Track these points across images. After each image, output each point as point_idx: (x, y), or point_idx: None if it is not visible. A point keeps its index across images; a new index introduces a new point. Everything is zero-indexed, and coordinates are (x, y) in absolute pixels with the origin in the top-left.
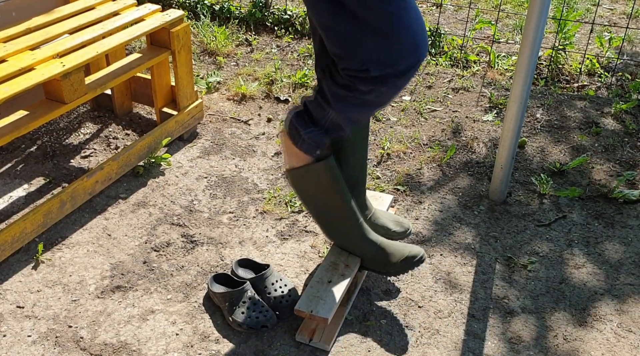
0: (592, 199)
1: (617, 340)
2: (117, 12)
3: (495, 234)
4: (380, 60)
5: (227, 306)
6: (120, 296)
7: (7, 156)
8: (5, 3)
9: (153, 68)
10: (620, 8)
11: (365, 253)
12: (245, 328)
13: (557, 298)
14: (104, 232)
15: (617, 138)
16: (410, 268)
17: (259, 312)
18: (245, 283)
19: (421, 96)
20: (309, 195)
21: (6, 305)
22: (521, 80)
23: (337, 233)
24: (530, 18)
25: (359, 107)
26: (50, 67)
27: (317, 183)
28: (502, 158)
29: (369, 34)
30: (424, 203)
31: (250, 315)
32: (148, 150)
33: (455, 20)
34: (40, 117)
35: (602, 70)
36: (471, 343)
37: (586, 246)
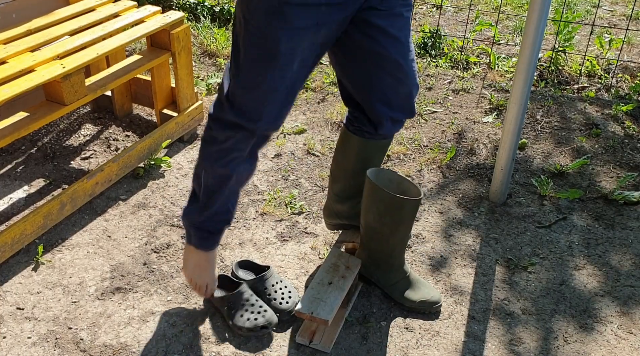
0: (593, 201)
1: (617, 341)
2: (117, 14)
3: (496, 236)
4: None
5: (227, 311)
6: (120, 297)
7: (7, 157)
8: (5, 5)
9: (153, 69)
10: (620, 10)
11: (391, 277)
12: (245, 331)
13: (558, 299)
14: (104, 233)
15: (618, 140)
16: (424, 311)
17: (257, 313)
18: (242, 286)
19: (421, 97)
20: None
21: (6, 306)
22: (521, 81)
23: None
24: (531, 19)
25: (220, 158)
26: (50, 68)
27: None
28: (503, 160)
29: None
30: (424, 205)
31: (249, 318)
32: (148, 151)
33: (456, 21)
34: (41, 119)
35: (602, 71)
36: (471, 345)
37: (586, 248)
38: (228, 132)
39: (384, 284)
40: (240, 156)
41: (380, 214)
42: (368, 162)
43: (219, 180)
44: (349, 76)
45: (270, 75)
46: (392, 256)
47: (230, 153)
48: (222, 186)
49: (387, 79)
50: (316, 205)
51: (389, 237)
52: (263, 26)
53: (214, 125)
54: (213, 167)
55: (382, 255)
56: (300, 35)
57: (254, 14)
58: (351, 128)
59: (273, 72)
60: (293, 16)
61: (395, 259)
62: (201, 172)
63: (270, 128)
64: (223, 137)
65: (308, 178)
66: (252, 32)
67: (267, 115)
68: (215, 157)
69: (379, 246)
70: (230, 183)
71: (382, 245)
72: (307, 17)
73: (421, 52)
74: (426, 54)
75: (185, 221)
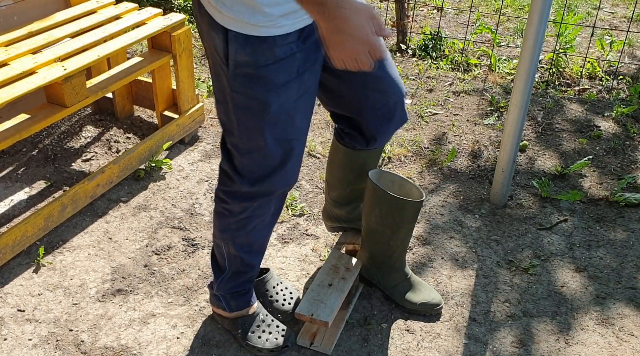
0: (594, 202)
1: (619, 343)
2: (118, 16)
3: (497, 237)
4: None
5: (241, 334)
6: (121, 299)
7: (9, 159)
8: (7, 7)
9: (154, 71)
10: (621, 12)
11: (392, 279)
12: (267, 352)
13: (559, 301)
14: (105, 235)
15: (618, 141)
16: (425, 313)
17: (276, 333)
18: (257, 305)
19: (422, 99)
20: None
21: (7, 308)
22: (522, 83)
23: (387, 249)
24: (531, 21)
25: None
26: (51, 70)
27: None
28: (503, 162)
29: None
30: (425, 207)
31: (268, 338)
32: (149, 153)
33: (456, 23)
34: (42, 121)
35: (603, 73)
36: (472, 347)
37: (587, 249)
38: (245, 203)
39: (385, 286)
40: (262, 222)
41: (382, 216)
42: (361, 169)
43: (242, 248)
44: (337, 106)
45: (270, 136)
46: (393, 258)
47: (250, 223)
48: (246, 251)
49: (373, 95)
50: (317, 207)
51: (390, 238)
52: (249, 93)
53: (227, 198)
54: (234, 238)
55: (383, 256)
56: (287, 88)
57: (235, 83)
58: (342, 142)
59: (274, 132)
60: (272, 75)
61: (396, 261)
62: (221, 243)
63: (288, 187)
64: (239, 208)
65: (309, 180)
66: (239, 101)
67: (282, 175)
68: (234, 228)
69: (380, 248)
70: (255, 248)
71: (383, 246)
72: (285, 71)
73: (422, 54)
74: (427, 56)
75: (217, 292)
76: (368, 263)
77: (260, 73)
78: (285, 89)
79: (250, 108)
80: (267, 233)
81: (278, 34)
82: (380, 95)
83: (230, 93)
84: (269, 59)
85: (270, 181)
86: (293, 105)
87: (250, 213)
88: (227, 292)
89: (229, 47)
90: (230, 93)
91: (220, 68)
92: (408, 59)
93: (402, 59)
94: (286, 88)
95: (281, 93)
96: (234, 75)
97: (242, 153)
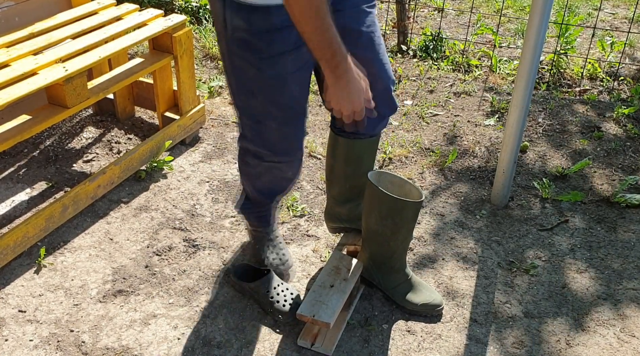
0: (595, 203)
1: (620, 344)
2: (119, 17)
3: (497, 238)
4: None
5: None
6: (122, 300)
7: (10, 160)
8: (8, 8)
9: (155, 72)
10: (621, 13)
11: (392, 279)
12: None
13: (560, 302)
14: (106, 236)
15: (619, 142)
16: (426, 314)
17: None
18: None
19: (423, 100)
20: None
21: (8, 309)
22: (523, 84)
23: (387, 250)
24: (532, 22)
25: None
26: (53, 71)
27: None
28: (504, 163)
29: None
30: (426, 208)
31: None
32: (150, 154)
33: (457, 24)
34: (43, 122)
35: (604, 74)
36: (473, 348)
37: (588, 250)
38: (256, 160)
39: (386, 287)
40: (277, 177)
41: (382, 217)
42: (358, 162)
43: (260, 191)
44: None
45: (265, 100)
46: (394, 259)
47: (264, 176)
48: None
49: None
50: (318, 208)
51: (390, 239)
52: (244, 56)
53: (242, 151)
54: (253, 183)
55: (384, 257)
56: (283, 59)
57: (233, 46)
58: (335, 129)
59: (269, 97)
60: (267, 43)
61: (396, 262)
62: (244, 181)
63: (288, 156)
64: (254, 162)
65: (310, 180)
66: (236, 62)
67: (281, 141)
68: (253, 175)
69: (381, 249)
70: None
71: (383, 247)
72: (282, 41)
73: (423, 55)
74: (428, 57)
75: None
76: (368, 264)
77: (255, 39)
78: (281, 59)
79: (246, 71)
80: (286, 184)
81: (273, 3)
82: (370, 79)
83: (228, 54)
84: (262, 27)
85: (270, 145)
86: (290, 76)
87: (263, 170)
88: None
89: (226, 12)
90: (229, 54)
91: (221, 30)
92: (409, 59)
93: (402, 60)
94: (282, 58)
95: (276, 62)
96: (231, 38)
97: (242, 113)
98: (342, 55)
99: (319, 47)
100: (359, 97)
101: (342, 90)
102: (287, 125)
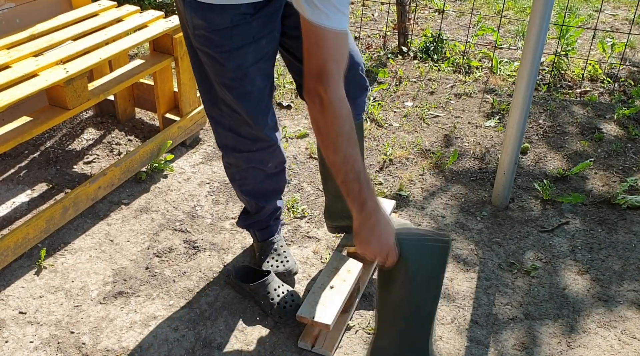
0: (595, 205)
1: (621, 346)
2: (120, 19)
3: (498, 240)
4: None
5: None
6: (122, 302)
7: (11, 162)
8: (9, 10)
9: (156, 74)
10: (622, 14)
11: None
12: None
13: (561, 304)
14: (107, 237)
15: (620, 144)
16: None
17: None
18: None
19: (423, 102)
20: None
21: (8, 310)
22: (523, 85)
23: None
24: (533, 24)
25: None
26: (53, 73)
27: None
28: (505, 164)
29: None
30: (427, 209)
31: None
32: (151, 155)
33: (458, 26)
34: (44, 123)
35: (604, 76)
36: (474, 350)
37: (589, 252)
38: (236, 155)
39: None
40: (261, 173)
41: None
42: None
43: (249, 194)
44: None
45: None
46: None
47: (249, 173)
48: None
49: None
50: (318, 209)
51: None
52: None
53: (221, 150)
54: (240, 185)
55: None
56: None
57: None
58: None
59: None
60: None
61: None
62: (235, 189)
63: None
64: (234, 160)
65: (310, 182)
66: (201, 57)
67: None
68: (238, 178)
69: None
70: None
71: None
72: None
73: (423, 57)
74: (428, 58)
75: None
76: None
77: (214, 36)
78: (241, 53)
79: (210, 64)
80: (270, 182)
81: (227, 2)
82: None
83: (193, 51)
84: (221, 24)
85: (240, 132)
86: (251, 67)
87: (244, 164)
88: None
89: (186, 11)
90: (193, 51)
91: (185, 27)
92: (409, 61)
93: (403, 61)
94: (242, 52)
95: (236, 56)
96: (194, 35)
97: (213, 102)
98: (370, 190)
99: (346, 180)
100: (388, 239)
101: (370, 232)
102: (254, 110)
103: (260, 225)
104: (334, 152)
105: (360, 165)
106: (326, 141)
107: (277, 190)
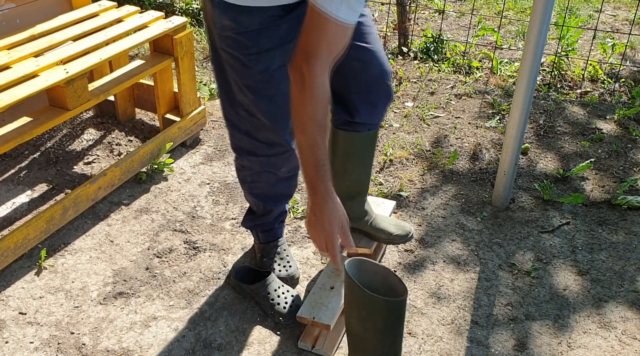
0: (596, 205)
1: (621, 347)
2: (120, 19)
3: (499, 240)
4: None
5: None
6: (122, 302)
7: (11, 162)
8: (9, 10)
9: (156, 74)
10: (622, 14)
11: None
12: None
13: (561, 305)
14: (107, 238)
15: (621, 144)
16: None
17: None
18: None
19: (424, 102)
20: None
21: (9, 311)
22: (524, 86)
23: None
24: (533, 24)
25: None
26: (53, 73)
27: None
28: (505, 165)
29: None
30: (427, 210)
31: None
32: (151, 156)
33: (458, 26)
34: (44, 124)
35: (605, 76)
36: (474, 350)
37: (590, 253)
38: (250, 158)
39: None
40: (274, 177)
41: (362, 318)
42: (356, 157)
43: (258, 197)
44: None
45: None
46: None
47: (261, 177)
48: (262, 199)
49: (354, 64)
50: None
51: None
52: (233, 53)
53: (235, 152)
54: (250, 188)
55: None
56: (270, 55)
57: (222, 43)
58: (332, 121)
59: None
60: (253, 41)
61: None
62: (244, 190)
63: (280, 146)
64: (248, 162)
65: None
66: (225, 58)
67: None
68: (249, 180)
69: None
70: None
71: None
72: (268, 39)
73: (424, 57)
74: (429, 59)
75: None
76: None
77: (242, 37)
78: (268, 55)
79: (234, 66)
80: (281, 187)
81: (255, 5)
82: (361, 66)
83: (218, 51)
84: (249, 26)
85: (257, 136)
86: (277, 70)
87: (258, 168)
88: (252, 226)
89: (215, 12)
90: (218, 51)
91: (212, 27)
92: (410, 61)
93: (403, 62)
94: (269, 54)
95: (263, 58)
96: (220, 36)
97: (231, 105)
98: (326, 177)
99: (306, 163)
100: (332, 227)
101: (315, 217)
102: (275, 120)
103: (265, 227)
104: (302, 133)
105: (323, 153)
106: (298, 121)
107: (287, 195)
